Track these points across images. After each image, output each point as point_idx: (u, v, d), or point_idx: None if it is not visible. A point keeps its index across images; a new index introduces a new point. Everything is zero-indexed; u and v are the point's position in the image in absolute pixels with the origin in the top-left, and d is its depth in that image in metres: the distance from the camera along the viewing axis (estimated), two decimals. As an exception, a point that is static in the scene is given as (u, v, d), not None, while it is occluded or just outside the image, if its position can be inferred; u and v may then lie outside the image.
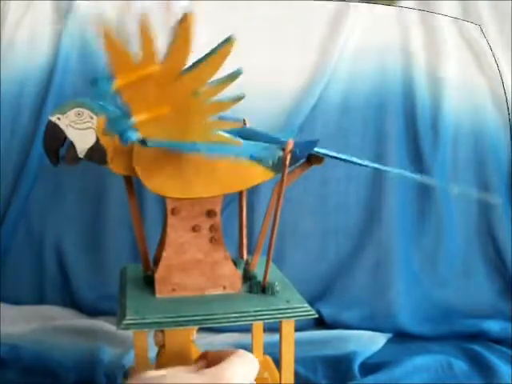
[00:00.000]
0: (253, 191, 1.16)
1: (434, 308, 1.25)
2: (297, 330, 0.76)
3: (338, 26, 1.27)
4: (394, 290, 1.26)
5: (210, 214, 0.76)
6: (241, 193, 0.85)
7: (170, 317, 0.70)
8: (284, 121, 1.25)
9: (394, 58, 1.29)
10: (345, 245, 1.31)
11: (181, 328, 0.70)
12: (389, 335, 1.20)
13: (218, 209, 0.76)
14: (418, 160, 1.31)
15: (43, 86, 1.29)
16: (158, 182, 0.72)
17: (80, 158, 0.73)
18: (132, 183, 0.79)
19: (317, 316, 0.77)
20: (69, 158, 0.73)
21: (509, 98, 1.25)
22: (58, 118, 0.71)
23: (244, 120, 0.83)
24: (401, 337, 1.20)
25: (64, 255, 1.30)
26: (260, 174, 0.76)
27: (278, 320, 0.75)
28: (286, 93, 1.27)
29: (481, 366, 1.05)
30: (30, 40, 1.28)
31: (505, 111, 1.28)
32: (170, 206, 0.74)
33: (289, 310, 0.76)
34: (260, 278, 0.81)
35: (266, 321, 0.75)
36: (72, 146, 0.72)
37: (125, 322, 0.68)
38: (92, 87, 0.57)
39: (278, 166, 0.77)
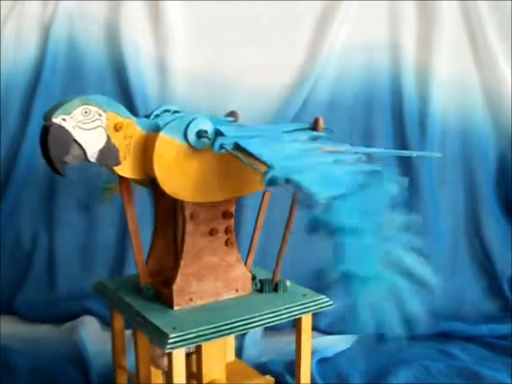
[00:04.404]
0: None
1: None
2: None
3: (326, 24, 1.27)
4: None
5: (226, 215, 0.73)
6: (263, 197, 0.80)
7: (212, 328, 0.66)
8: (272, 119, 1.24)
9: (382, 55, 1.30)
10: (331, 243, 1.30)
11: (223, 338, 0.66)
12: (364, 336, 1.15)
13: (233, 210, 0.74)
14: (405, 157, 1.32)
15: (31, 84, 1.25)
16: (176, 185, 0.67)
17: (91, 163, 0.64)
18: (130, 189, 0.73)
19: (335, 305, 0.78)
20: (71, 156, 0.62)
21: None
22: (63, 119, 0.61)
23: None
24: (379, 338, 1.14)
25: (54, 257, 1.27)
26: None
27: (305, 314, 0.75)
28: (274, 92, 1.26)
29: (460, 368, 1.03)
30: (17, 37, 1.24)
31: (495, 108, 1.31)
32: (188, 210, 0.70)
33: (312, 303, 0.75)
34: (259, 277, 0.80)
35: (295, 317, 0.74)
36: (80, 148, 0.63)
37: (170, 340, 0.62)
38: None
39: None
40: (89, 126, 0.63)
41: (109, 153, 0.64)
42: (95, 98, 0.63)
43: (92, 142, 0.63)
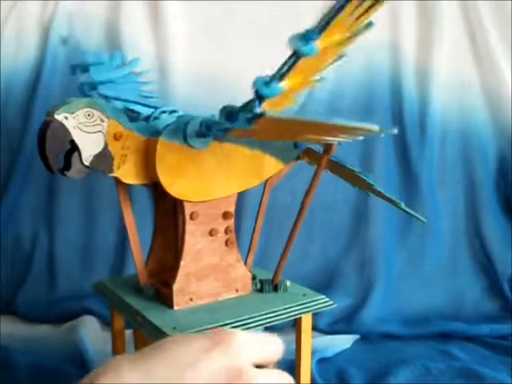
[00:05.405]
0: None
1: (416, 309, 1.24)
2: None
3: None
4: (378, 290, 1.25)
5: (226, 215, 0.73)
6: (264, 189, 0.80)
7: (212, 328, 0.65)
8: None
9: (382, 55, 1.29)
10: (331, 244, 1.31)
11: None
12: (364, 336, 1.16)
13: (233, 210, 0.74)
14: (404, 158, 1.32)
15: (31, 84, 1.25)
16: (180, 187, 0.68)
17: (86, 167, 0.64)
18: (127, 193, 0.73)
19: (335, 305, 0.78)
20: (75, 171, 0.63)
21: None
22: (66, 118, 0.60)
23: None
24: (379, 338, 1.17)
25: (54, 257, 1.27)
26: (273, 166, 0.75)
27: (305, 314, 0.75)
28: None
29: (460, 368, 1.01)
30: (17, 37, 1.24)
31: (495, 108, 1.31)
32: (188, 210, 0.70)
33: (312, 303, 0.75)
34: (259, 277, 0.80)
35: (295, 316, 0.74)
36: (76, 153, 0.64)
37: (170, 340, 0.62)
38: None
39: (288, 158, 0.77)
40: (89, 130, 0.63)
41: (104, 159, 0.64)
42: (100, 103, 0.63)
43: (89, 146, 0.63)
